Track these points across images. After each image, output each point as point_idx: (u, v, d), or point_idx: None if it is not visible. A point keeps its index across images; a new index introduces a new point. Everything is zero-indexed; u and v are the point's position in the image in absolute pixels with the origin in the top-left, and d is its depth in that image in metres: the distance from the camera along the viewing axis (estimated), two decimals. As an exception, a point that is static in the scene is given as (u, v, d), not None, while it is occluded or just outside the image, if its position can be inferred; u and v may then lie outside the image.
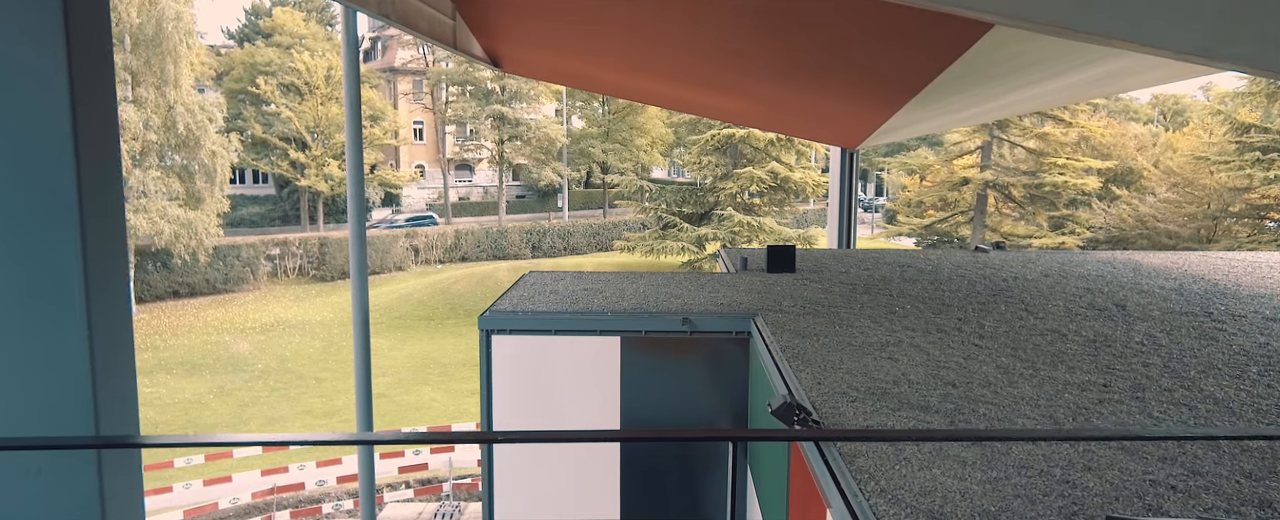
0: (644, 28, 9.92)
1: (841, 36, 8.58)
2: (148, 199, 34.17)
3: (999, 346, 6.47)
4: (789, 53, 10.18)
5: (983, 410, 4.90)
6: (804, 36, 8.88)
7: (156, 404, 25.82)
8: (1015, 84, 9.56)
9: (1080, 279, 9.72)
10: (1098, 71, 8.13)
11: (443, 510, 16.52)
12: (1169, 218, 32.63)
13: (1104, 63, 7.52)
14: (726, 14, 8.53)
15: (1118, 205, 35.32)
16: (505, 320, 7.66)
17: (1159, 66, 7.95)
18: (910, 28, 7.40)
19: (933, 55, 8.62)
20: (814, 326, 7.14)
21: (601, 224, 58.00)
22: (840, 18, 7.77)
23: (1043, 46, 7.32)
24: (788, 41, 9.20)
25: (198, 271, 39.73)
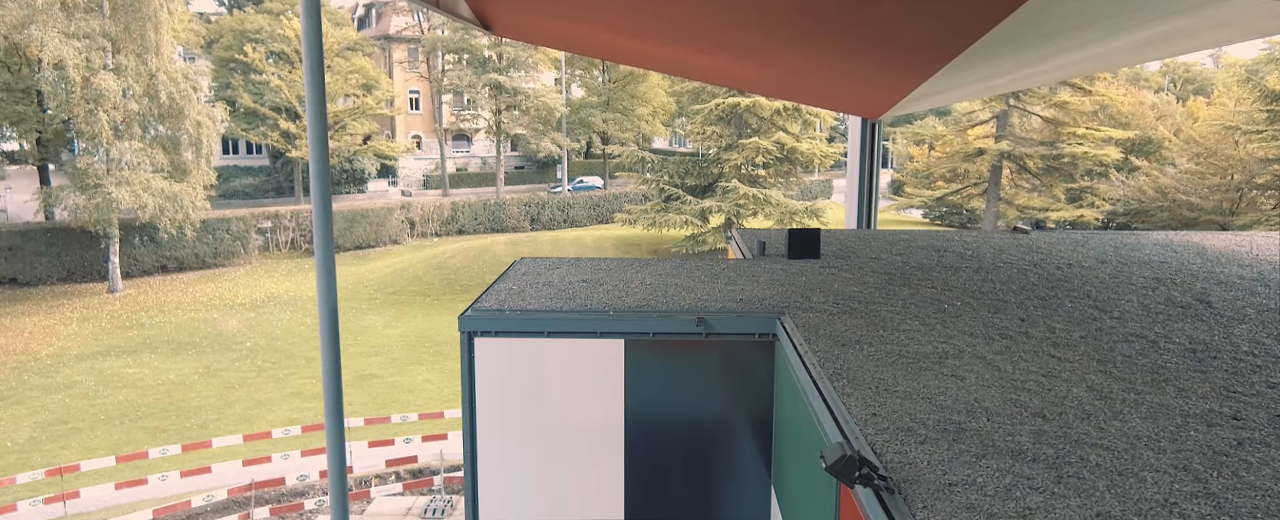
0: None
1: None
2: (130, 171, 32.91)
3: (1081, 358, 5.36)
4: (810, 11, 8.99)
5: (1095, 459, 3.80)
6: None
7: (139, 385, 24.84)
8: (1064, 46, 8.37)
9: (1144, 266, 8.60)
10: (1157, 31, 7.04)
11: (434, 505, 15.59)
12: (1191, 189, 31.43)
13: (1168, 20, 6.46)
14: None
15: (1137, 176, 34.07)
16: (491, 320, 6.56)
17: (1224, 26, 6.90)
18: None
19: (975, 14, 7.43)
20: (853, 330, 6.03)
21: (602, 196, 56.75)
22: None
23: (1106, 1, 6.25)
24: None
25: (185, 245, 38.57)
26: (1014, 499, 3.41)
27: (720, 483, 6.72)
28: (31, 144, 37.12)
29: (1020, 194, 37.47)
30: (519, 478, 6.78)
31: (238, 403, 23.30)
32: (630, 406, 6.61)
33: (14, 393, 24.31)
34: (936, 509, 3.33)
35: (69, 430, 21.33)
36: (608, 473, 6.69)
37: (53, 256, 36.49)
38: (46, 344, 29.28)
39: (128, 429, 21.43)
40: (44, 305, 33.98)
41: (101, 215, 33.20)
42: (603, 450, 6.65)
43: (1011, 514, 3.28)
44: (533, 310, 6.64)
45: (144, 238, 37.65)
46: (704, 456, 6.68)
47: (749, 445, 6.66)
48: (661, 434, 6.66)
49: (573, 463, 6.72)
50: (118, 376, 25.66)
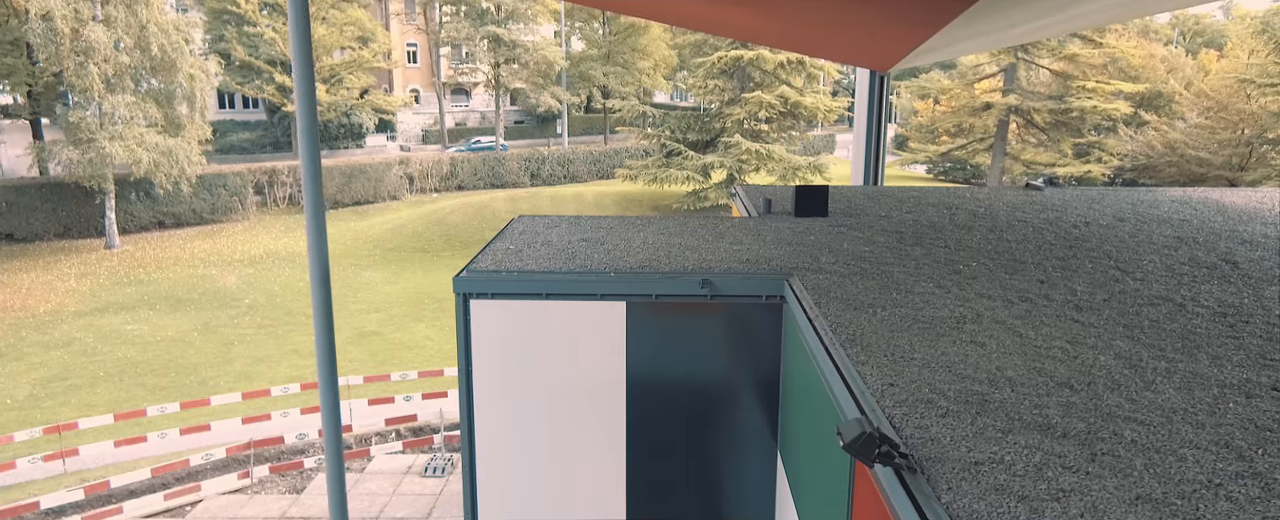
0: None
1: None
2: (124, 125, 32.37)
3: (1105, 323, 5.10)
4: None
5: (1129, 434, 3.56)
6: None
7: (138, 342, 24.71)
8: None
9: (1163, 224, 8.30)
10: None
11: (434, 463, 15.53)
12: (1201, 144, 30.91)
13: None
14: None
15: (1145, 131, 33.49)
16: (487, 282, 6.29)
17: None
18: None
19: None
20: (866, 293, 5.77)
21: (602, 151, 56.13)
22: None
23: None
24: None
25: (183, 201, 38.15)
26: (1045, 479, 3.17)
27: (725, 449, 6.52)
28: (23, 97, 36.53)
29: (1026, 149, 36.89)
30: (518, 445, 6.58)
31: (237, 360, 23.17)
32: (632, 371, 6.38)
33: (12, 349, 24.19)
34: (962, 490, 3.09)
35: (68, 387, 21.23)
36: (609, 439, 6.48)
37: (49, 212, 36.15)
38: (44, 300, 29.11)
39: (127, 386, 21.34)
40: (41, 261, 33.74)
41: (96, 170, 32.76)
42: (604, 416, 6.44)
43: (1044, 496, 3.05)
44: (531, 271, 6.37)
45: (140, 193, 37.24)
46: (708, 422, 6.47)
47: (754, 411, 6.44)
48: (665, 399, 6.44)
49: (573, 429, 6.51)
50: (116, 333, 25.52)
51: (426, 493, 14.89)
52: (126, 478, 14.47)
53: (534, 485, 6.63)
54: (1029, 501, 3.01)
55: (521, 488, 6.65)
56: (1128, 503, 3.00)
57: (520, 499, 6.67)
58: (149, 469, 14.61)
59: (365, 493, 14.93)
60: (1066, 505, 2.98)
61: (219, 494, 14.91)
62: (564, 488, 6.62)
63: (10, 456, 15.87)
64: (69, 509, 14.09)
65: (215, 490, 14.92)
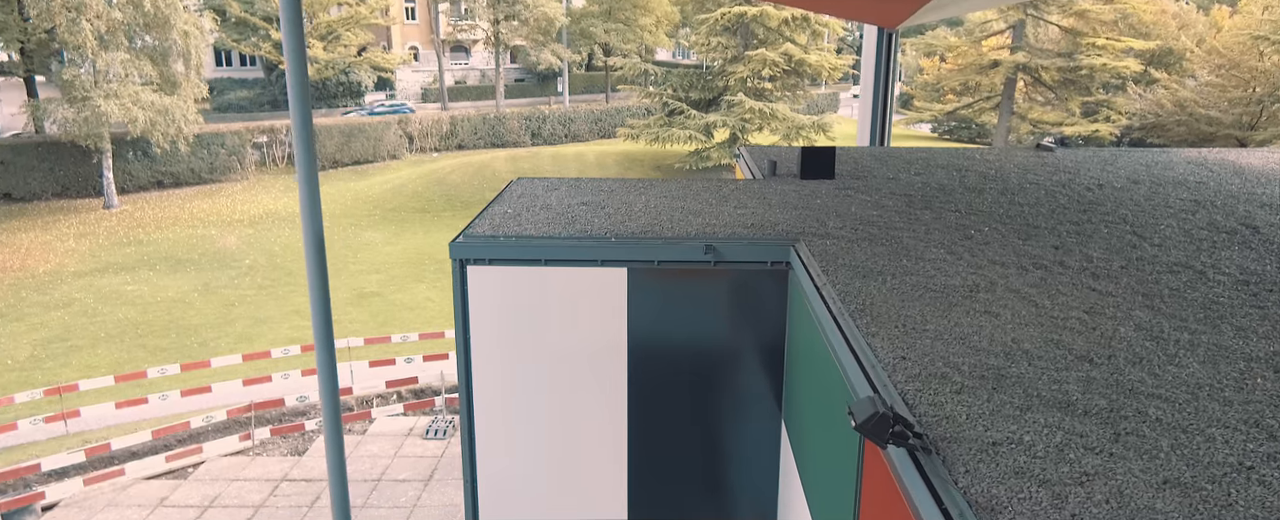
0: None
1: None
2: (118, 83, 31.90)
3: (1124, 291, 4.93)
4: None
5: (1153, 412, 3.40)
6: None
7: (138, 303, 24.63)
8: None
9: (1179, 187, 8.08)
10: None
11: (435, 426, 15.51)
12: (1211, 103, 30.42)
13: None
14: None
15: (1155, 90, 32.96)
16: (484, 248, 6.11)
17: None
18: None
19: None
20: (874, 259, 5.58)
21: (604, 109, 55.51)
22: None
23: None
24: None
25: (180, 161, 37.82)
26: (1067, 461, 3.02)
27: (728, 418, 6.40)
28: (16, 54, 36.00)
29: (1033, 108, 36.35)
30: (517, 415, 6.46)
31: (238, 321, 23.11)
32: (634, 339, 6.23)
33: (12, 310, 24.13)
34: (980, 474, 2.94)
35: (69, 348, 21.21)
36: (610, 409, 6.36)
37: (46, 171, 35.87)
38: (44, 260, 29.00)
39: (128, 347, 21.31)
40: (40, 221, 33.57)
41: (91, 129, 32.39)
42: (605, 385, 6.31)
43: (1067, 479, 2.90)
44: (529, 237, 6.18)
45: (138, 153, 36.90)
46: (711, 391, 6.34)
47: (758, 380, 6.30)
48: (667, 368, 6.30)
49: (573, 399, 6.38)
50: (116, 294, 25.45)
51: (428, 455, 14.89)
52: (128, 439, 14.46)
53: (534, 455, 6.52)
54: (1051, 486, 2.86)
55: (521, 458, 6.54)
56: (1155, 487, 2.85)
57: (520, 468, 6.56)
58: (150, 431, 14.59)
59: (366, 455, 14.94)
60: (1091, 490, 2.83)
61: (221, 456, 14.92)
62: (565, 457, 6.51)
63: (11, 418, 15.87)
64: (72, 470, 14.11)
65: (217, 452, 14.93)
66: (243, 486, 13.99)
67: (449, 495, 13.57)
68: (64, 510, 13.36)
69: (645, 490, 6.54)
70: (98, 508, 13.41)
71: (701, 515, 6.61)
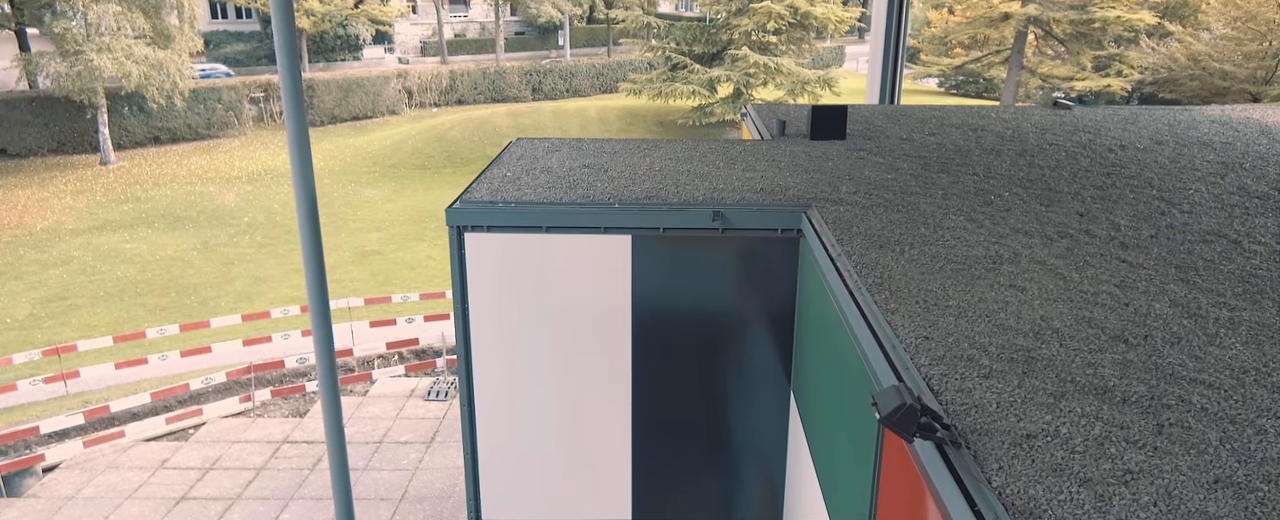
0: None
1: None
2: (110, 37, 31.28)
3: (1156, 263, 4.68)
4: None
5: (1198, 399, 3.17)
6: None
7: (137, 261, 24.43)
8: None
9: (1205, 148, 7.77)
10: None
11: (437, 387, 15.40)
12: (1225, 57, 29.78)
13: None
14: None
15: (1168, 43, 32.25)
16: (483, 214, 5.85)
17: None
18: None
19: None
20: (891, 228, 5.32)
21: (605, 64, 54.64)
22: None
23: None
24: None
25: (176, 116, 37.31)
26: (1108, 457, 2.80)
27: (735, 391, 6.20)
28: (8, 6, 35.27)
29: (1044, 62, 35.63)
30: (519, 387, 6.26)
31: (237, 279, 22.94)
32: (638, 309, 6.00)
33: (10, 268, 23.96)
34: (1015, 471, 2.73)
35: (68, 307, 21.07)
36: (614, 380, 6.15)
37: (41, 127, 35.41)
38: (41, 218, 28.75)
39: (128, 306, 21.17)
40: (36, 177, 33.24)
41: (85, 84, 31.85)
42: (609, 357, 6.10)
43: (1109, 479, 2.68)
44: (529, 202, 5.92)
45: (133, 108, 36.38)
46: (718, 363, 6.13)
47: (768, 351, 6.09)
48: (673, 340, 6.09)
49: (577, 370, 6.18)
50: (115, 252, 25.24)
51: (429, 417, 14.81)
52: (127, 401, 14.37)
53: (536, 429, 6.34)
54: (1093, 485, 2.64)
55: (523, 432, 6.36)
56: (1206, 487, 2.63)
57: (522, 443, 6.39)
58: (149, 393, 14.49)
59: (368, 416, 14.85)
60: (1136, 490, 2.61)
61: (221, 417, 14.85)
62: (567, 432, 6.34)
63: (11, 378, 15.78)
64: (72, 432, 14.05)
65: (217, 414, 14.85)
66: (244, 448, 13.93)
67: (451, 458, 13.51)
68: (65, 472, 13.32)
69: (650, 465, 6.38)
70: (99, 470, 13.36)
71: (708, 490, 6.45)
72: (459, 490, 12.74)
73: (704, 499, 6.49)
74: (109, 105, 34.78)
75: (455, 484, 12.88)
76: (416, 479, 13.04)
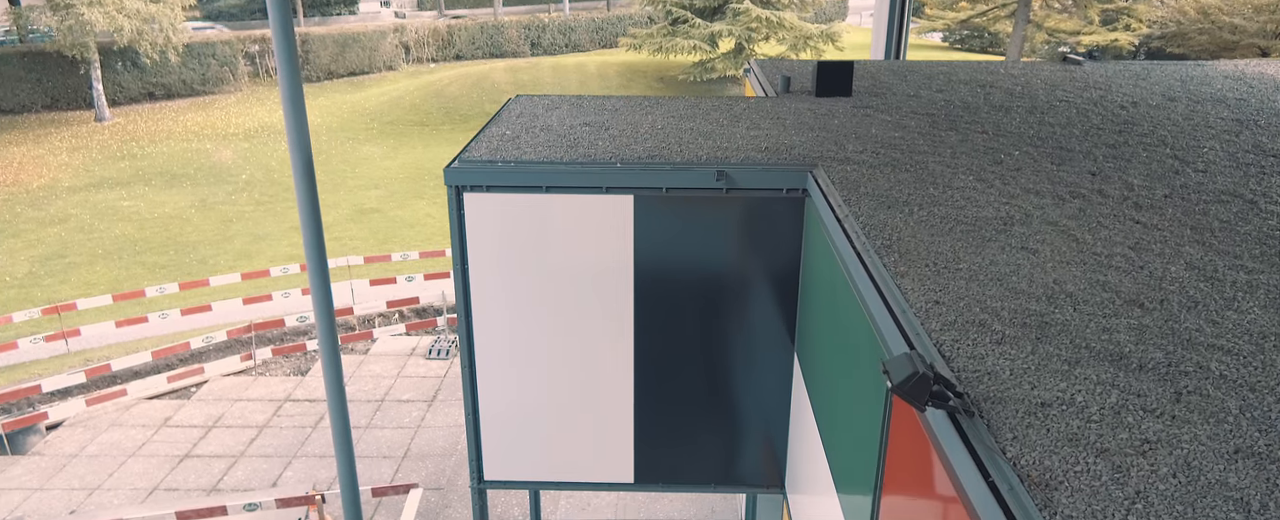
0: None
1: None
2: (101, -10, 30.76)
3: (1170, 224, 4.57)
4: None
5: (1216, 366, 3.09)
6: None
7: (135, 219, 24.31)
8: None
9: (1219, 105, 7.61)
10: None
11: (438, 345, 15.40)
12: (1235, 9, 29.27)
13: None
14: None
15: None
16: (482, 173, 5.73)
17: None
18: None
19: None
20: (899, 187, 5.21)
21: (605, 18, 53.82)
22: None
23: None
24: None
25: (171, 71, 36.83)
26: (1125, 426, 2.73)
27: (738, 353, 6.14)
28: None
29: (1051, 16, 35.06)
30: (519, 349, 6.20)
31: (236, 237, 22.84)
32: (641, 270, 5.91)
33: (8, 226, 23.85)
34: (1030, 441, 2.66)
35: (67, 265, 21.01)
36: (616, 342, 6.09)
37: (34, 82, 34.98)
38: (37, 175, 28.55)
39: (127, 264, 21.11)
40: (31, 134, 32.93)
41: (76, 39, 31.39)
42: (610, 318, 6.03)
43: (1127, 449, 2.61)
44: (529, 161, 5.79)
45: (127, 63, 35.90)
46: (721, 325, 6.06)
47: (771, 313, 6.02)
48: (675, 301, 6.01)
49: (578, 331, 6.11)
50: (112, 209, 25.10)
51: (431, 375, 14.83)
52: (129, 360, 14.37)
53: (538, 392, 6.29)
54: (1110, 456, 2.57)
55: (525, 395, 6.32)
56: (1226, 457, 2.56)
57: (523, 405, 6.35)
58: (150, 351, 14.49)
59: (369, 375, 14.88)
60: (1154, 461, 2.55)
61: (222, 376, 14.87)
62: (569, 391, 6.29)
63: (11, 336, 15.77)
64: (74, 390, 14.08)
65: (218, 372, 14.87)
66: (246, 406, 13.98)
67: (453, 416, 13.55)
68: (68, 430, 13.37)
69: (652, 426, 6.35)
70: (102, 428, 13.42)
71: (710, 452, 6.43)
72: (461, 448, 12.81)
73: (706, 461, 6.48)
74: (102, 61, 34.33)
75: (457, 442, 12.94)
76: (419, 437, 13.10)
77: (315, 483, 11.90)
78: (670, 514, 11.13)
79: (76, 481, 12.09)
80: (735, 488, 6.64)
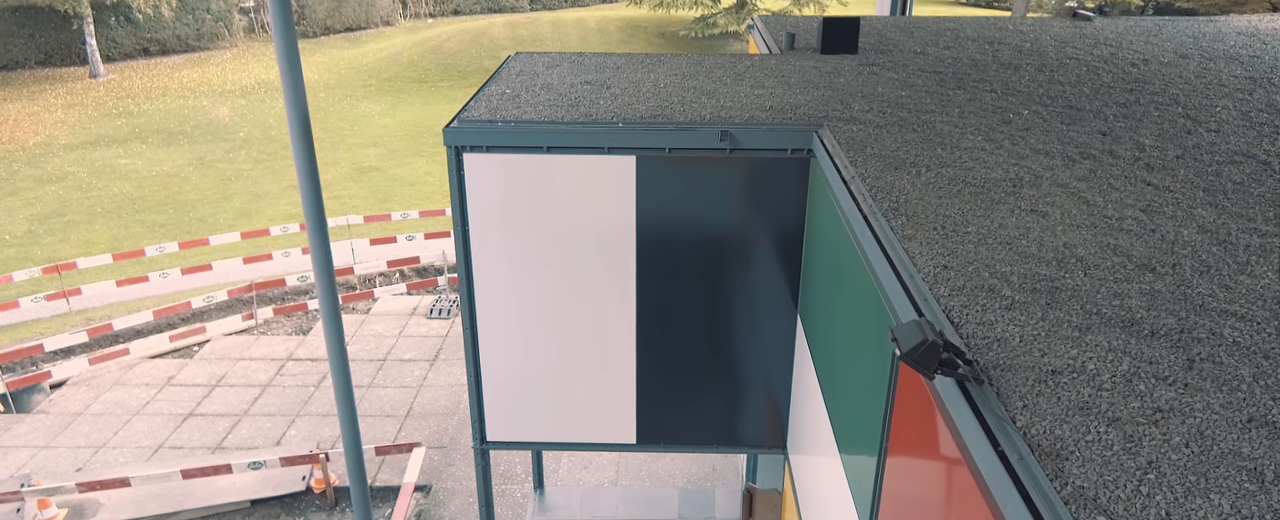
0: None
1: None
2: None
3: (1182, 186, 4.50)
4: None
5: (1229, 332, 3.05)
6: None
7: (133, 177, 24.15)
8: None
9: (1232, 62, 7.47)
10: None
11: (439, 305, 15.39)
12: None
13: None
14: None
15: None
16: (482, 133, 5.63)
17: None
18: None
19: None
20: (906, 148, 5.12)
21: (605, -29, 52.89)
22: None
23: None
24: None
25: (165, 26, 36.31)
26: (1137, 394, 2.70)
27: (741, 315, 6.10)
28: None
29: (1058, -30, 34.36)
30: (521, 314, 6.16)
31: (235, 196, 22.71)
32: (643, 231, 5.85)
33: (6, 183, 23.70)
34: (1041, 410, 2.62)
35: (66, 223, 20.92)
36: (618, 304, 6.05)
37: (26, 38, 34.51)
38: (33, 132, 28.30)
39: (126, 222, 21.02)
40: (25, 91, 32.59)
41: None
42: (613, 280, 5.98)
43: (1139, 418, 2.58)
44: (529, 121, 5.69)
45: (120, 18, 35.38)
46: (724, 287, 6.01)
47: (775, 275, 5.96)
48: (678, 263, 5.95)
49: (580, 294, 6.07)
50: (110, 167, 24.92)
51: (432, 335, 14.85)
52: (130, 319, 14.38)
53: (540, 354, 6.27)
54: (1122, 425, 2.54)
55: (527, 357, 6.30)
56: (1239, 426, 2.53)
57: (526, 367, 6.34)
58: (151, 310, 14.49)
59: (371, 334, 14.89)
60: (1167, 430, 2.51)
61: (225, 335, 14.89)
62: (571, 353, 6.27)
63: (12, 295, 15.76)
64: (77, 349, 14.10)
65: (220, 331, 14.89)
66: (249, 365, 14.02)
67: (455, 375, 13.59)
68: (72, 389, 13.43)
69: (654, 388, 6.34)
70: (105, 386, 13.47)
71: (712, 414, 6.44)
72: (464, 407, 12.87)
73: (708, 421, 6.49)
74: (95, 15, 33.83)
75: (460, 401, 13.00)
76: (421, 396, 13.16)
77: (319, 441, 11.98)
78: (672, 471, 11.23)
79: (82, 440, 12.17)
80: (737, 448, 6.67)
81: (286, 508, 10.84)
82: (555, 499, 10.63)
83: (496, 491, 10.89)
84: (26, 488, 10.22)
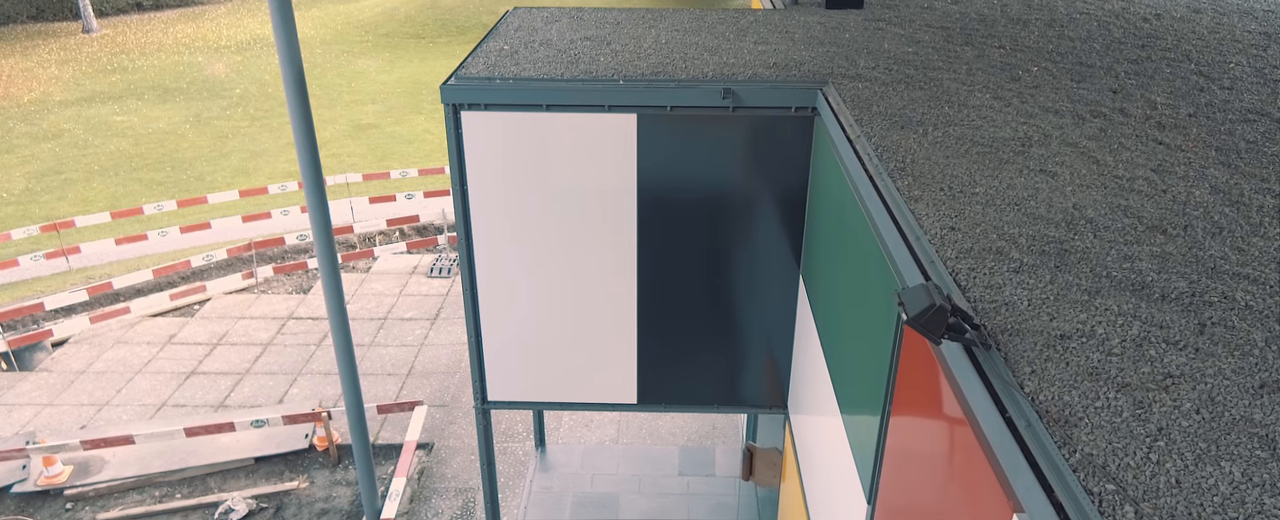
0: None
1: None
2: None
3: (1195, 145, 4.41)
4: None
5: (1241, 296, 3.00)
6: None
7: (129, 135, 23.94)
8: None
9: (1245, 17, 7.31)
10: None
11: (439, 264, 15.33)
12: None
13: None
14: None
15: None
16: (480, 91, 5.52)
17: None
18: None
19: None
20: (913, 106, 5.02)
21: (605, -77, 51.91)
22: None
23: None
24: None
25: (158, -19, 35.77)
26: (1147, 359, 2.65)
27: (743, 275, 6.05)
28: None
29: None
30: (521, 270, 6.11)
31: (233, 154, 22.53)
32: (644, 190, 5.77)
33: (1, 141, 23.52)
34: (1048, 375, 2.58)
35: (64, 181, 20.80)
36: (619, 264, 6.00)
37: (18, -7, 34.06)
38: (27, 89, 28.01)
39: (123, 180, 20.89)
40: (18, 46, 32.20)
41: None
42: (613, 240, 5.92)
43: (1148, 383, 2.54)
44: (528, 79, 5.57)
45: (112, -28, 34.84)
46: (726, 246, 5.95)
47: (777, 235, 5.90)
48: (679, 221, 5.89)
49: (580, 253, 6.01)
50: (106, 125, 24.71)
51: (433, 294, 14.83)
52: (130, 278, 14.35)
53: (540, 311, 6.24)
54: (1131, 391, 2.50)
55: (527, 318, 6.27)
56: (1251, 392, 2.49)
57: (526, 328, 6.30)
58: (151, 269, 14.45)
59: (371, 293, 14.88)
60: (1177, 396, 2.47)
61: (225, 293, 14.88)
62: (572, 313, 6.24)
63: (12, 254, 15.72)
64: (77, 308, 14.10)
65: (220, 290, 14.87)
66: (249, 324, 14.02)
67: (456, 334, 13.60)
68: (74, 347, 13.46)
69: (655, 348, 6.32)
70: (107, 345, 13.49)
71: (713, 374, 6.42)
72: (465, 366, 12.90)
73: (709, 381, 6.48)
74: (86, -31, 33.24)
75: (461, 359, 13.03)
76: (422, 355, 13.18)
77: (321, 399, 12.03)
78: (672, 429, 11.29)
79: (85, 398, 12.22)
80: (738, 408, 6.67)
81: (290, 465, 10.92)
82: (557, 457, 10.71)
83: (498, 449, 10.97)
84: (31, 445, 10.29)
